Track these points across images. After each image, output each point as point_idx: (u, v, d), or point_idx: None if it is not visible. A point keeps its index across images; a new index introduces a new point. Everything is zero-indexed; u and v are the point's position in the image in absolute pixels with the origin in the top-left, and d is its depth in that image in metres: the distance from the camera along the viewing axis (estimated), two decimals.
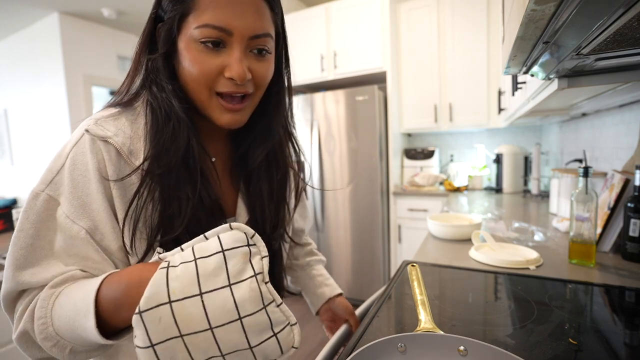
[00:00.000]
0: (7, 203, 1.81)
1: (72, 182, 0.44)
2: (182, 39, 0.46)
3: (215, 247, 0.35)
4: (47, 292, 0.41)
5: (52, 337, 0.40)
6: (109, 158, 0.45)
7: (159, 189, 0.46)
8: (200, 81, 0.46)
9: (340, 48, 2.73)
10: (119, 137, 0.46)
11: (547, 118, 1.93)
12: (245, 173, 0.57)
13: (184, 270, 0.33)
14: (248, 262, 0.35)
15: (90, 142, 0.45)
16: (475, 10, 2.53)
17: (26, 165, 3.84)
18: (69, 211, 0.43)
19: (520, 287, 0.78)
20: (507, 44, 0.70)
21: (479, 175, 2.71)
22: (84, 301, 0.38)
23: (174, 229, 0.46)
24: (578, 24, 0.42)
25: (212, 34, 0.43)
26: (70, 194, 0.44)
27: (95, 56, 3.52)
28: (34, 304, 0.41)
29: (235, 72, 0.44)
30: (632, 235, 0.90)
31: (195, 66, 0.45)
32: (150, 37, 0.49)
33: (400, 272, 0.86)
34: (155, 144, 0.46)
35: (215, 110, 0.48)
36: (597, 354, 0.52)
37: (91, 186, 0.44)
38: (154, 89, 0.48)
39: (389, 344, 0.45)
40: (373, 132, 2.52)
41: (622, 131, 1.28)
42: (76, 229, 0.43)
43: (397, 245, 2.68)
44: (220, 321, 0.32)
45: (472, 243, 1.12)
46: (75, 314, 0.38)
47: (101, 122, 0.46)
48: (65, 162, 0.45)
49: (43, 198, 0.44)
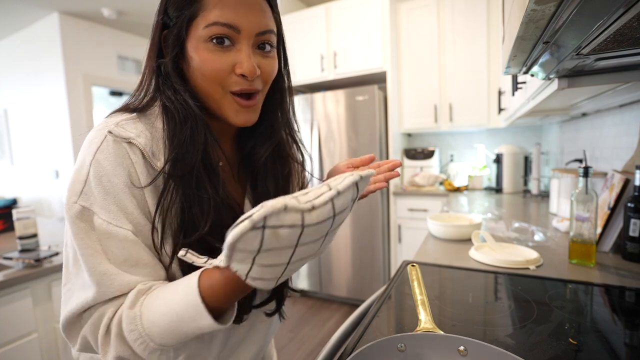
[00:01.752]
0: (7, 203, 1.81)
1: (103, 189, 0.43)
2: (190, 42, 0.46)
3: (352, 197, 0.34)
4: (129, 315, 0.41)
5: (156, 350, 0.42)
6: (136, 160, 0.45)
7: (181, 190, 0.46)
8: (212, 80, 0.46)
9: (340, 48, 2.73)
10: (142, 139, 0.46)
11: (547, 118, 1.93)
12: (251, 172, 0.58)
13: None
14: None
15: (114, 144, 0.44)
16: (475, 10, 2.53)
17: (26, 165, 3.84)
18: (109, 218, 0.43)
19: (520, 287, 0.78)
20: (507, 44, 0.70)
21: (479, 175, 2.71)
22: (192, 308, 0.39)
23: (198, 229, 0.46)
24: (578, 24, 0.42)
25: (221, 31, 0.44)
26: (104, 200, 0.43)
27: (95, 56, 3.52)
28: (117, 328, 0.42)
29: (247, 68, 0.45)
30: (632, 235, 0.90)
31: (207, 65, 0.45)
32: (158, 44, 0.49)
33: (400, 272, 0.86)
34: (175, 146, 0.46)
35: (229, 109, 0.48)
36: (597, 354, 0.52)
37: (122, 190, 0.44)
38: (168, 92, 0.48)
39: (389, 344, 0.45)
40: (373, 132, 2.52)
41: (622, 131, 1.28)
42: (123, 232, 0.43)
43: (397, 245, 2.68)
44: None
45: (472, 243, 1.12)
46: (182, 322, 0.40)
47: (122, 124, 0.46)
48: (90, 170, 0.44)
49: (77, 210, 0.43)
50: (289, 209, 0.30)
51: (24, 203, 3.83)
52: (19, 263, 1.20)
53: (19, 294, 1.13)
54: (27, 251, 1.29)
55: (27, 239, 1.31)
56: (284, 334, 2.27)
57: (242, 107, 0.48)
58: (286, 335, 2.25)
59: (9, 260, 1.23)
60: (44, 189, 3.68)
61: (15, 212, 1.29)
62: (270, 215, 0.30)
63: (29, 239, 1.31)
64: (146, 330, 0.41)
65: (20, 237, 1.29)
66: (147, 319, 0.41)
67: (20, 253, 1.27)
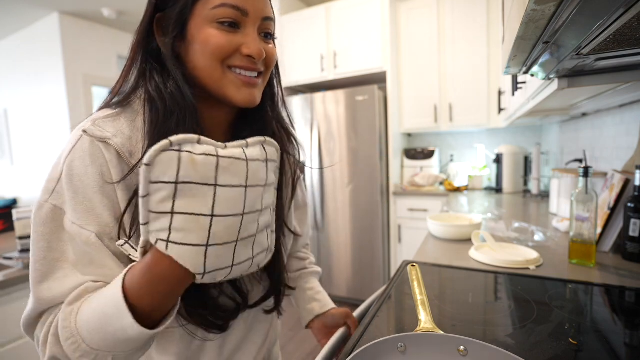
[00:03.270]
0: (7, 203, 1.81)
1: (73, 188, 0.43)
2: (195, 21, 0.45)
3: (261, 155, 0.36)
4: (65, 311, 0.40)
5: (89, 353, 0.38)
6: (111, 159, 0.44)
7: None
8: (214, 56, 0.45)
9: (340, 48, 2.73)
10: (118, 139, 0.44)
11: (547, 118, 1.93)
12: None
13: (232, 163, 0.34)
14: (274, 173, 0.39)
15: (89, 143, 0.43)
16: (475, 10, 2.53)
17: (26, 165, 3.84)
18: (74, 218, 0.42)
19: (520, 287, 0.78)
20: (507, 44, 0.70)
21: (479, 175, 2.71)
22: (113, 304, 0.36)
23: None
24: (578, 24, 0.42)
25: (230, 13, 0.44)
26: (73, 200, 0.42)
27: (95, 56, 3.52)
28: (55, 327, 0.40)
29: (255, 50, 0.46)
30: (632, 235, 0.90)
31: (211, 40, 0.45)
32: (147, 28, 0.48)
33: (400, 272, 0.86)
34: (154, 138, 0.44)
35: (230, 87, 0.47)
36: (597, 354, 0.52)
37: (92, 190, 0.43)
38: (157, 79, 0.46)
39: (389, 344, 0.45)
40: (373, 132, 2.52)
41: (622, 131, 1.28)
42: (86, 235, 0.42)
43: (397, 245, 2.68)
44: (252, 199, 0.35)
45: (472, 243, 1.12)
46: (107, 320, 0.37)
47: (99, 123, 0.45)
48: (64, 169, 0.43)
49: (47, 208, 0.42)
50: (202, 142, 0.32)
51: (24, 203, 3.83)
52: (19, 263, 1.20)
53: (19, 294, 1.13)
54: (27, 251, 1.29)
55: (27, 239, 1.31)
56: (284, 333, 2.27)
57: (244, 83, 0.47)
58: (286, 335, 2.25)
59: (9, 260, 1.23)
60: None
61: (15, 212, 1.29)
62: (186, 141, 0.31)
63: (29, 239, 1.31)
64: (78, 330, 0.38)
65: (20, 237, 1.30)
66: (82, 317, 0.38)
67: (20, 253, 1.28)
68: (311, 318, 0.73)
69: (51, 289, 0.41)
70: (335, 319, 0.73)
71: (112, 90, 0.50)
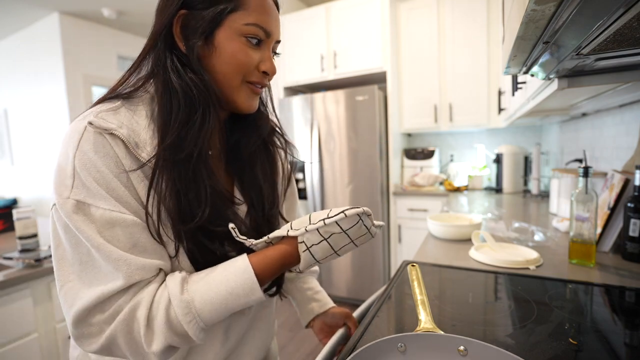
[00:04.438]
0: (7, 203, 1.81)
1: (93, 179, 0.42)
2: (224, 31, 0.49)
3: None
4: (182, 300, 0.43)
5: (204, 329, 0.46)
6: (119, 151, 0.44)
7: (175, 176, 0.46)
8: (239, 68, 0.50)
9: (340, 48, 2.73)
10: (124, 130, 0.44)
11: (547, 118, 1.93)
12: (237, 163, 0.60)
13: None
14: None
15: (95, 135, 0.43)
16: (475, 10, 2.53)
17: (26, 165, 3.84)
18: (109, 205, 0.42)
19: (520, 287, 0.78)
20: (507, 44, 0.70)
21: (479, 175, 2.71)
22: (245, 286, 0.46)
23: (195, 216, 0.46)
24: (578, 24, 0.42)
25: (258, 32, 0.50)
26: (98, 190, 0.42)
27: (95, 56, 3.52)
28: (164, 317, 0.43)
29: (270, 67, 0.53)
30: (632, 235, 0.90)
31: (239, 55, 0.50)
32: (169, 21, 0.48)
33: (400, 272, 0.86)
34: (176, 128, 0.46)
35: (243, 95, 0.53)
36: (597, 354, 0.52)
37: (112, 179, 0.43)
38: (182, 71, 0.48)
39: (389, 344, 0.45)
40: (373, 132, 2.52)
41: (622, 131, 1.28)
42: (130, 218, 0.43)
43: (397, 245, 2.68)
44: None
45: (472, 243, 1.12)
46: (234, 299, 0.45)
47: (102, 115, 0.44)
48: (75, 163, 0.42)
49: (71, 205, 0.41)
50: (370, 217, 0.49)
51: (24, 203, 3.83)
52: (19, 263, 1.20)
53: (19, 294, 1.13)
54: (27, 251, 1.29)
55: (27, 239, 1.31)
56: (284, 333, 2.27)
57: (254, 94, 0.54)
58: (286, 335, 2.25)
59: (9, 260, 1.23)
60: (44, 189, 3.68)
61: (15, 212, 1.29)
62: (366, 214, 0.48)
63: (29, 239, 1.31)
64: (199, 312, 0.44)
65: (20, 237, 1.29)
66: (200, 300, 0.44)
67: (20, 253, 1.27)
68: (311, 318, 0.74)
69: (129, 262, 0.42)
70: (335, 318, 0.74)
71: (117, 83, 0.50)
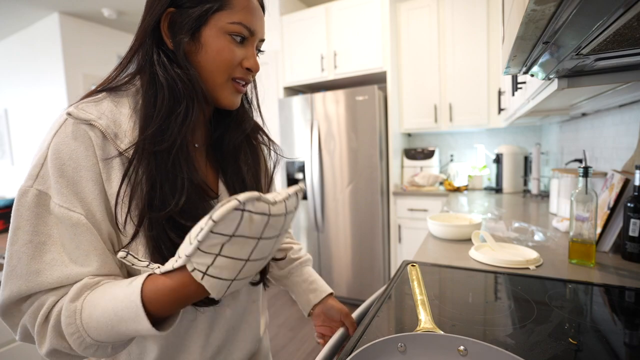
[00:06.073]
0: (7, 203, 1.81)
1: (59, 171, 0.43)
2: (210, 29, 0.50)
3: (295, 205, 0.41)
4: (69, 308, 0.41)
5: (92, 345, 0.42)
6: (97, 140, 0.45)
7: (153, 167, 0.46)
8: (224, 65, 0.52)
9: (340, 48, 2.73)
10: (103, 120, 0.46)
11: (547, 118, 1.93)
12: (221, 155, 0.61)
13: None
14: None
15: (74, 126, 0.44)
16: (475, 11, 2.53)
17: (26, 166, 3.83)
18: (62, 201, 0.43)
19: (520, 287, 0.78)
20: (507, 44, 0.70)
21: (479, 175, 2.71)
22: (130, 309, 0.40)
23: (166, 208, 0.46)
24: (578, 24, 0.42)
25: (243, 31, 0.52)
26: (58, 183, 0.43)
27: (95, 56, 3.52)
28: (55, 321, 0.41)
29: (254, 64, 0.54)
30: (632, 235, 0.90)
31: (224, 53, 0.51)
32: (157, 18, 0.49)
33: (400, 272, 0.86)
34: (159, 119, 0.47)
35: (226, 92, 0.54)
36: (597, 354, 0.52)
37: (79, 173, 0.44)
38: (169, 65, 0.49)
39: (389, 344, 0.45)
40: (373, 132, 2.52)
41: (622, 131, 1.28)
42: (76, 217, 0.43)
43: (397, 245, 2.68)
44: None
45: (472, 243, 1.12)
46: (120, 321, 0.40)
47: (82, 107, 0.46)
48: (48, 153, 0.43)
49: (33, 194, 0.43)
50: (261, 199, 0.36)
51: None
52: None
53: None
54: None
55: None
56: (284, 333, 2.27)
57: (237, 91, 0.55)
58: (286, 335, 2.25)
59: None
60: None
61: None
62: (249, 200, 0.35)
63: None
64: (84, 325, 0.41)
65: None
66: (87, 314, 0.41)
67: None
68: (310, 308, 0.75)
69: (39, 272, 0.42)
70: (333, 312, 0.74)
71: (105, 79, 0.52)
